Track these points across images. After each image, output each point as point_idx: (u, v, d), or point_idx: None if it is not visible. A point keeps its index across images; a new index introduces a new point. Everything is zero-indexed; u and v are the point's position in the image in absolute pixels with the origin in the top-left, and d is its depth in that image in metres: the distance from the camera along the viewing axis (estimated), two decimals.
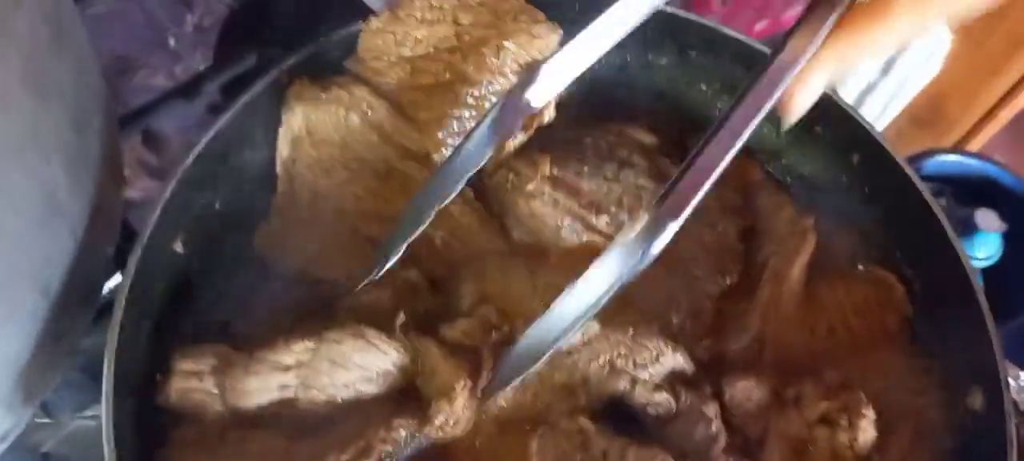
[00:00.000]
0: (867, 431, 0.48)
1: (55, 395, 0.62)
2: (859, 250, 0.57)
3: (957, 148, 1.24)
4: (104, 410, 0.41)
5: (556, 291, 0.41)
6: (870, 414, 0.48)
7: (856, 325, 0.54)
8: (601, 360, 0.49)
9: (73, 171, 0.47)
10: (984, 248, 1.00)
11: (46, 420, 0.61)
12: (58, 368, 0.51)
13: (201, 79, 0.70)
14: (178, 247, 0.50)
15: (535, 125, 0.57)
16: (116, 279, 0.58)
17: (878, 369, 0.53)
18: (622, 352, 0.49)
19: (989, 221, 1.00)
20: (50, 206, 0.45)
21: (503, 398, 0.48)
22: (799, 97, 0.39)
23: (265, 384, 0.47)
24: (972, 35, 1.14)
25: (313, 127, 0.55)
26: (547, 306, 0.42)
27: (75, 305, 0.50)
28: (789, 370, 0.52)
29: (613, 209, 0.56)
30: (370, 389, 0.47)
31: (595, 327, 0.49)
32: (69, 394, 0.62)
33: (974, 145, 1.29)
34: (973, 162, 1.10)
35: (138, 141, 0.72)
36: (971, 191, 1.07)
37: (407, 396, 0.48)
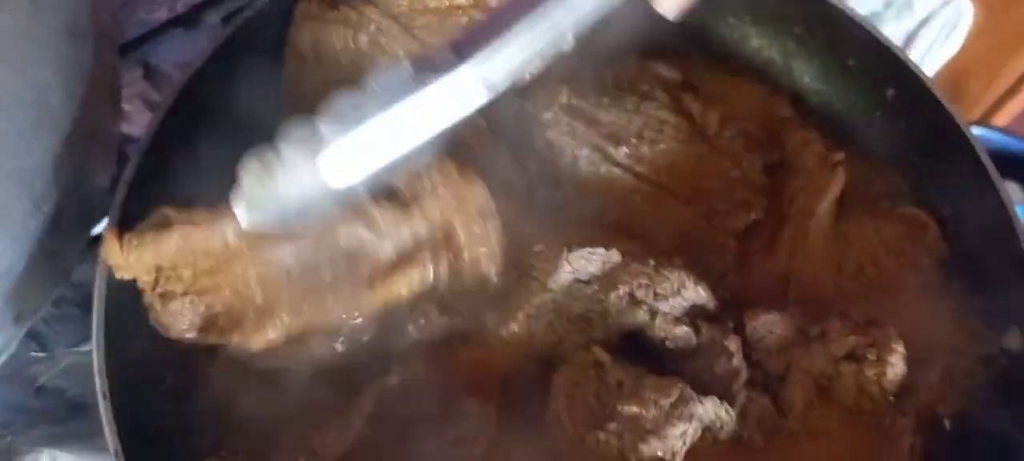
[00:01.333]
0: (897, 366, 0.45)
1: (50, 329, 0.60)
2: (892, 188, 0.54)
3: (982, 122, 1.21)
4: (95, 312, 0.39)
5: None
6: (900, 349, 0.46)
7: (887, 265, 0.52)
8: (620, 291, 0.46)
9: (66, 80, 0.45)
10: None
11: (41, 354, 0.59)
12: (51, 290, 0.49)
13: (202, 9, 0.67)
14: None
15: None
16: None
17: (909, 309, 0.50)
18: (643, 283, 0.46)
19: (1014, 194, 0.97)
20: (42, 112, 0.43)
21: (516, 325, 0.46)
22: None
23: None
24: (995, 8, 1.10)
25: (320, 47, 0.52)
26: None
27: (69, 225, 0.48)
28: (815, 308, 0.50)
29: (633, 141, 0.54)
30: None
31: (616, 257, 0.47)
32: (64, 328, 0.60)
33: (997, 122, 1.26)
34: (996, 136, 1.08)
35: (140, 75, 0.70)
36: (996, 165, 1.05)
37: None
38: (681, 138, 0.55)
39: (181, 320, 0.42)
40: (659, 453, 0.43)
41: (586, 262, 0.47)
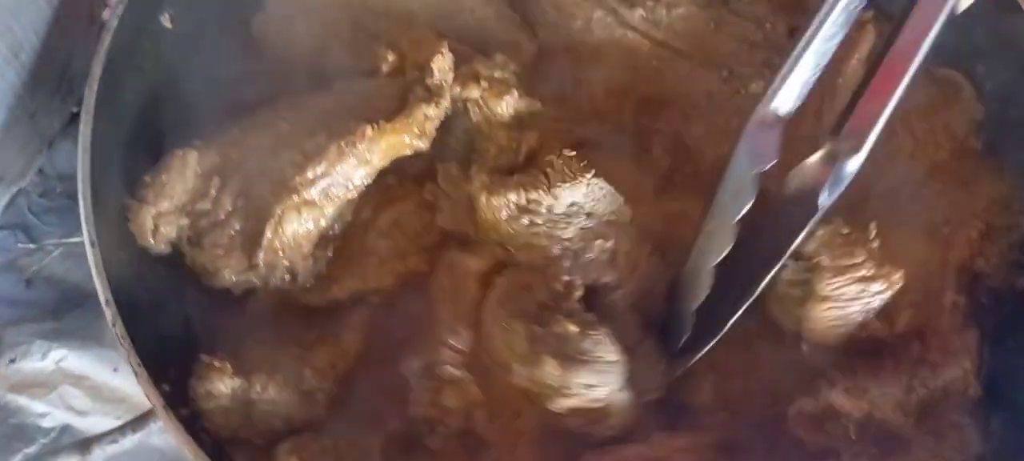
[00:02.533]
0: None
1: (40, 221, 0.58)
2: None
3: None
4: (80, 172, 0.37)
5: None
6: None
7: (919, 129, 0.49)
8: (606, 245, 0.44)
9: None
10: None
11: (30, 245, 0.57)
12: (33, 156, 0.47)
13: None
14: (166, 22, 0.45)
15: None
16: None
17: (943, 172, 0.47)
18: (627, 256, 0.45)
19: None
20: None
21: (496, 199, 0.43)
22: None
23: None
24: None
25: None
26: None
27: (49, 86, 0.46)
28: None
29: (649, 3, 0.51)
30: None
31: (627, 214, 0.44)
32: (55, 220, 0.58)
33: None
34: None
35: None
36: None
37: None
38: (700, 1, 0.52)
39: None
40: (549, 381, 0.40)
41: (598, 192, 0.43)
